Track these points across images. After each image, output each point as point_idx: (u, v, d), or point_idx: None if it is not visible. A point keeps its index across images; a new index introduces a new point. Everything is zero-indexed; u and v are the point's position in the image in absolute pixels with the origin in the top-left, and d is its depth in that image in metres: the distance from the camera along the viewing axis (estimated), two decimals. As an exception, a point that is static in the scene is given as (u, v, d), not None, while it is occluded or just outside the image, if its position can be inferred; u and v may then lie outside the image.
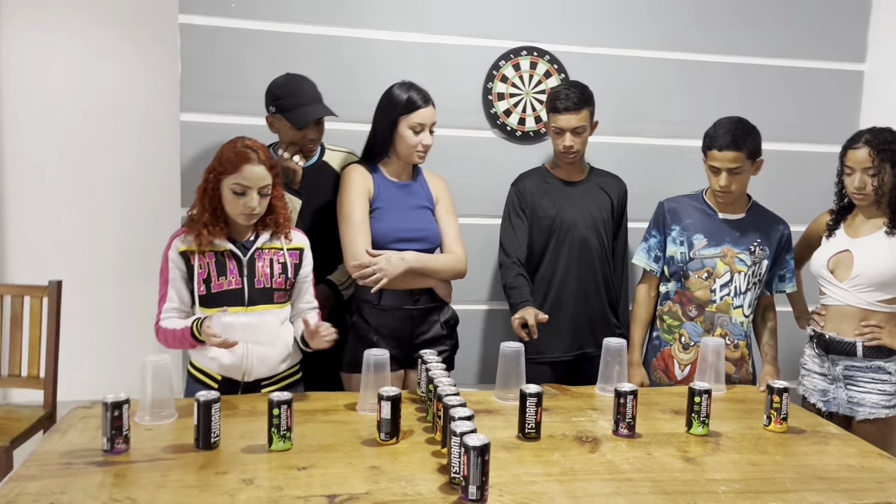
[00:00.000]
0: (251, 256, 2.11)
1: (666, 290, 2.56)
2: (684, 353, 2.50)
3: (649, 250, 2.58)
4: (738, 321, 2.47)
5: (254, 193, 2.04)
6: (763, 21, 3.09)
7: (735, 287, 2.46)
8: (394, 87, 2.38)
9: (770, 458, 1.81)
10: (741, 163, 2.37)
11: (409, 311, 2.39)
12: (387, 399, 1.78)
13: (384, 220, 2.37)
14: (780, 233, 2.51)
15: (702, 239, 2.48)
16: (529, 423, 1.85)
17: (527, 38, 2.91)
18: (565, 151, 2.58)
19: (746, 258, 2.46)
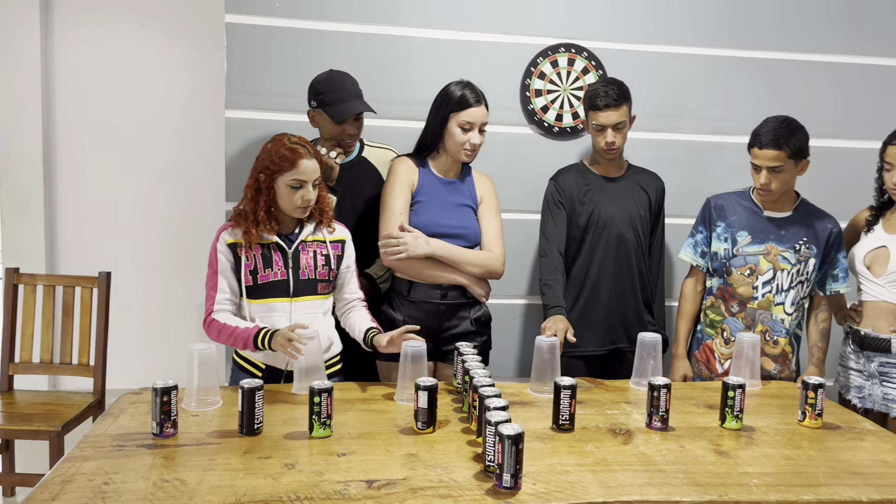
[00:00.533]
0: (296, 249, 2.18)
1: (710, 286, 2.58)
2: (725, 347, 2.51)
3: (696, 246, 2.60)
4: (779, 318, 2.46)
5: (309, 186, 2.12)
6: (801, 16, 3.06)
7: (777, 284, 2.45)
8: (451, 84, 2.42)
9: (804, 452, 1.81)
10: (782, 162, 2.35)
11: (436, 305, 2.43)
12: (424, 389, 1.83)
13: (423, 213, 2.42)
14: (829, 231, 2.48)
15: (746, 236, 2.48)
16: (563, 414, 1.89)
17: (564, 35, 2.93)
18: (607, 148, 2.60)
19: (791, 256, 2.44)
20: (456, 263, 2.41)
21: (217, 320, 2.12)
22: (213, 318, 2.13)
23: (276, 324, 2.13)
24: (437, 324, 2.44)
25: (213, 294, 2.14)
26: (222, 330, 2.11)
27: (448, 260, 2.40)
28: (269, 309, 2.15)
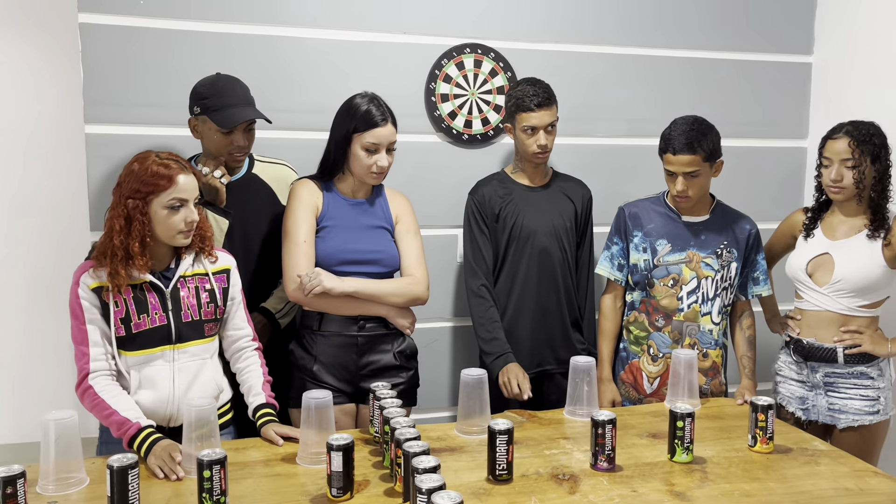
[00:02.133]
0: (174, 287, 1.84)
1: (631, 300, 2.40)
2: (653, 364, 2.35)
3: (612, 258, 2.42)
4: (706, 329, 2.32)
5: (191, 205, 1.81)
6: (711, 14, 2.97)
7: (703, 293, 2.31)
8: (355, 97, 2.15)
9: (763, 485, 1.65)
10: (698, 166, 2.22)
11: (353, 339, 2.15)
12: (338, 449, 1.54)
13: (331, 239, 2.14)
14: (748, 232, 2.37)
15: (665, 244, 2.33)
16: (500, 463, 1.65)
17: (469, 35, 2.71)
18: (540, 151, 2.41)
19: (713, 262, 2.31)
20: (377, 298, 2.14)
21: (94, 389, 1.76)
22: (89, 384, 1.76)
23: (157, 376, 1.81)
24: (355, 360, 2.16)
25: (84, 350, 1.78)
26: (98, 405, 1.75)
27: (367, 296, 2.12)
28: (148, 361, 1.82)
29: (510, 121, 2.45)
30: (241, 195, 2.22)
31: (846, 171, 2.23)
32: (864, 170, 2.22)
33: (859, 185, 2.23)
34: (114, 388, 1.78)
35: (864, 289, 2.25)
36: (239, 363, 1.99)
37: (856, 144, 2.21)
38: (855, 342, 2.26)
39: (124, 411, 1.74)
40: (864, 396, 2.28)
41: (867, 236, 2.26)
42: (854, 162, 2.21)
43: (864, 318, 2.28)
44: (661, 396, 2.32)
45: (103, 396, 1.75)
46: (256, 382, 1.95)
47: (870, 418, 2.28)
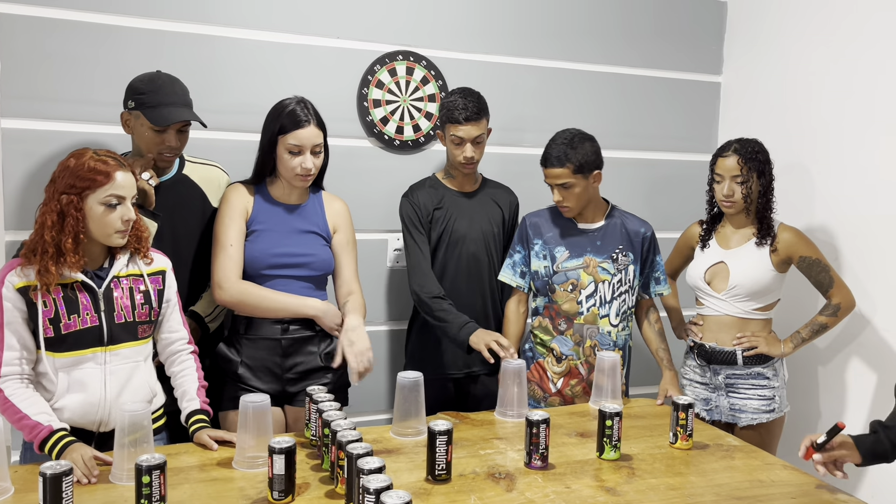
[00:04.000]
0: (108, 287, 1.78)
1: (535, 306, 2.48)
2: (557, 366, 2.42)
3: (514, 266, 2.47)
4: (605, 331, 2.40)
5: (129, 203, 1.76)
6: (632, 34, 3.12)
7: (601, 297, 2.40)
8: (283, 101, 2.14)
9: (685, 479, 1.76)
10: (568, 178, 2.30)
11: (277, 341, 2.14)
12: (280, 452, 1.54)
13: (259, 242, 2.13)
14: (642, 236, 2.46)
15: (563, 251, 2.40)
16: (440, 463, 1.68)
17: (402, 43, 2.75)
18: (465, 162, 2.47)
19: (609, 266, 2.40)
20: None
21: (3, 394, 1.68)
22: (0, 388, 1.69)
23: (87, 379, 1.75)
24: (280, 362, 2.15)
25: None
26: (8, 409, 1.69)
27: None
28: (78, 363, 1.75)
29: (441, 129, 2.50)
30: (171, 196, 2.17)
31: (736, 186, 2.41)
32: (751, 185, 2.40)
33: (747, 199, 2.41)
34: (25, 392, 1.71)
35: (757, 293, 2.43)
36: (174, 367, 1.94)
37: (744, 161, 2.39)
38: (752, 344, 2.43)
39: (35, 415, 1.68)
40: (762, 396, 2.45)
41: (756, 244, 2.44)
42: (743, 178, 2.39)
43: (759, 321, 2.46)
44: (563, 395, 2.41)
45: (13, 400, 1.69)
46: (191, 387, 1.91)
47: (767, 416, 2.45)
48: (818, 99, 2.82)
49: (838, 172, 2.75)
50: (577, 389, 2.40)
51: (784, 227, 2.47)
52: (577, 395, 2.40)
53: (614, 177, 3.09)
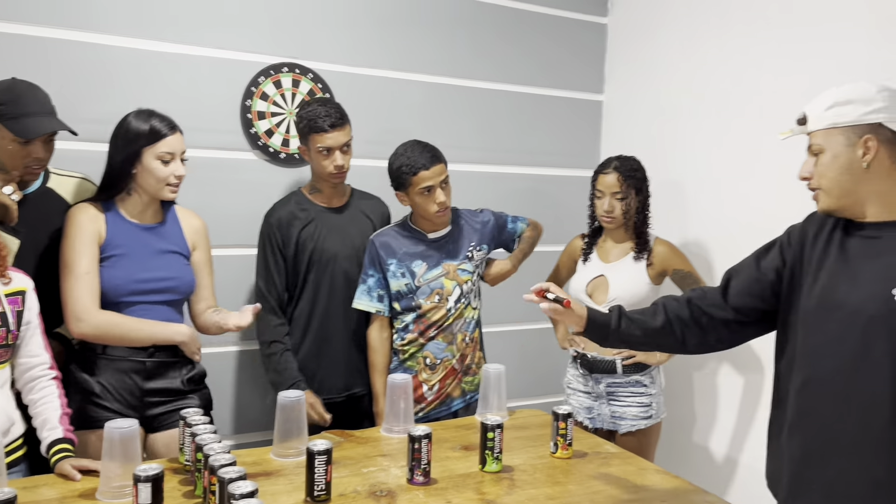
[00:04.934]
0: None
1: (405, 324, 2.42)
2: (431, 372, 2.42)
3: (370, 291, 2.42)
4: (469, 317, 2.45)
5: None
6: (517, 52, 3.20)
7: (466, 295, 2.45)
8: (129, 116, 2.04)
9: (564, 488, 1.79)
10: (446, 172, 2.37)
11: (141, 364, 2.04)
12: (146, 480, 1.47)
13: (120, 268, 2.02)
14: (485, 221, 2.54)
15: (421, 265, 2.41)
16: (319, 484, 1.65)
17: (288, 55, 2.70)
18: (337, 172, 2.42)
19: (468, 266, 2.45)
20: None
21: None
22: None
23: None
24: (141, 385, 2.05)
25: None
26: None
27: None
28: None
29: (304, 142, 2.43)
30: (35, 211, 2.03)
31: (616, 202, 2.51)
32: (630, 201, 2.52)
33: (626, 215, 2.52)
34: None
35: (635, 305, 2.51)
36: (33, 394, 1.81)
37: (623, 178, 2.50)
38: (630, 353, 2.52)
39: None
40: (640, 403, 2.55)
41: (633, 258, 2.55)
42: (622, 194, 2.50)
43: None
44: (440, 395, 2.42)
45: None
46: (53, 415, 1.79)
47: (645, 422, 2.55)
48: (693, 118, 2.97)
49: (711, 188, 2.90)
50: (454, 387, 2.43)
51: (659, 241, 2.59)
52: (453, 392, 2.43)
53: (502, 190, 3.16)
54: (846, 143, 1.49)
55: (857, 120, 1.49)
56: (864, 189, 1.50)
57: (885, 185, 1.49)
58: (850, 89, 1.50)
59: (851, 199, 1.52)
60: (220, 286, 2.55)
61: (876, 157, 1.48)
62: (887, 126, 1.47)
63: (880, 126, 1.47)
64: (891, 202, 1.50)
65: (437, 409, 2.43)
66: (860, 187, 1.50)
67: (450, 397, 2.44)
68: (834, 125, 1.50)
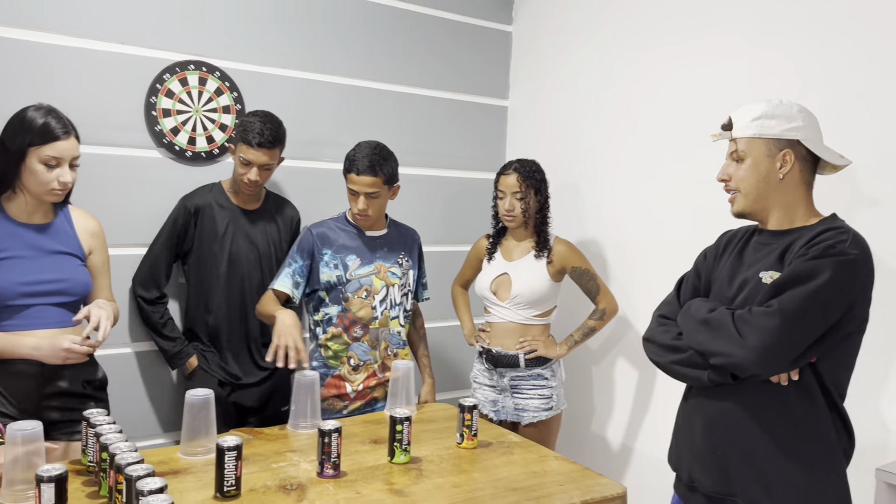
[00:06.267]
0: None
1: (328, 316, 2.46)
2: (355, 374, 2.46)
3: (292, 275, 2.44)
4: (395, 331, 2.51)
5: None
6: (428, 56, 3.27)
7: (391, 300, 2.50)
8: (28, 109, 1.96)
9: (469, 476, 1.87)
10: (378, 188, 2.39)
11: (36, 365, 1.96)
12: (49, 480, 1.44)
13: (8, 271, 1.94)
14: (416, 242, 2.63)
15: (355, 259, 2.47)
16: (229, 479, 1.66)
17: (194, 52, 2.67)
18: (249, 184, 2.49)
19: (397, 270, 2.52)
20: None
21: None
22: None
23: None
24: (38, 387, 1.99)
25: None
26: None
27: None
28: None
29: (234, 144, 2.49)
30: None
31: (516, 202, 2.64)
32: (529, 200, 2.64)
33: (526, 214, 2.65)
34: None
35: (536, 301, 2.66)
36: None
37: (522, 179, 2.63)
38: (531, 347, 2.65)
39: None
40: (542, 395, 2.68)
41: (534, 257, 2.68)
42: (522, 194, 2.63)
43: (538, 327, 2.70)
44: (363, 396, 2.46)
45: None
46: None
47: (546, 414, 2.67)
48: (593, 122, 3.12)
49: (607, 190, 3.07)
50: (378, 389, 2.48)
51: (559, 240, 2.72)
52: (376, 394, 2.47)
53: (412, 192, 3.23)
54: (767, 153, 1.66)
55: (779, 134, 1.65)
56: (774, 197, 1.68)
57: (791, 197, 1.68)
58: (775, 105, 1.67)
59: (762, 204, 1.69)
60: (123, 286, 2.52)
61: (791, 171, 1.66)
62: (804, 144, 1.65)
63: (798, 143, 1.65)
64: (791, 213, 1.69)
65: (361, 409, 2.47)
66: (772, 195, 1.68)
67: (374, 399, 2.48)
68: (758, 136, 1.67)
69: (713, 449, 1.69)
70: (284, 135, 2.52)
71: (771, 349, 1.53)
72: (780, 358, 1.55)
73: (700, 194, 2.62)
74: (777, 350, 1.53)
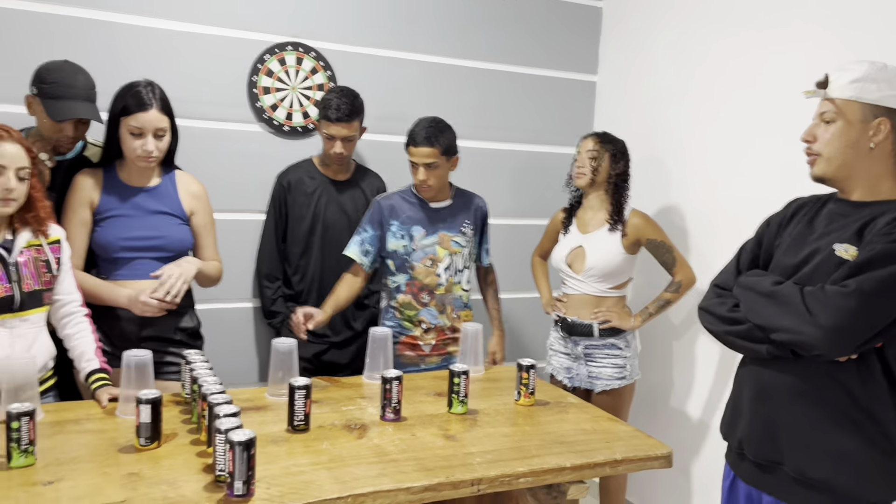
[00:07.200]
0: (15, 258, 1.90)
1: (397, 284, 2.62)
2: (427, 335, 2.63)
3: (361, 244, 2.62)
4: (458, 295, 2.67)
5: (10, 173, 1.84)
6: (515, 32, 3.36)
7: (455, 267, 2.65)
8: (132, 82, 2.21)
9: (520, 429, 2.00)
10: (436, 158, 2.52)
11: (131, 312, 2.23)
12: (146, 402, 1.70)
13: (110, 228, 2.22)
14: (480, 209, 2.73)
15: (420, 230, 2.61)
16: (298, 415, 1.87)
17: (292, 34, 2.91)
18: (335, 157, 2.68)
19: (460, 239, 2.65)
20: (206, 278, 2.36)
21: None
22: None
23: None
24: (136, 331, 2.26)
25: None
26: None
27: (204, 275, 2.32)
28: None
29: (318, 121, 2.69)
30: (68, 176, 2.26)
31: (588, 160, 2.69)
32: (602, 161, 2.68)
33: (596, 173, 2.69)
34: None
35: (610, 273, 2.71)
36: (68, 329, 2.06)
37: (599, 141, 2.69)
38: (605, 318, 2.70)
39: None
40: (615, 364, 2.74)
41: (608, 230, 2.72)
42: (595, 153, 2.68)
43: (613, 298, 2.74)
44: (439, 351, 2.64)
45: None
46: (88, 348, 2.04)
47: (618, 383, 2.73)
48: (683, 99, 3.10)
49: (692, 165, 3.05)
50: (452, 344, 2.65)
51: (635, 212, 2.75)
52: (451, 348, 2.65)
53: (496, 167, 3.35)
54: (861, 118, 1.55)
55: (878, 100, 1.53)
56: (860, 167, 1.58)
57: (879, 169, 1.58)
58: (878, 70, 1.55)
59: (846, 172, 1.60)
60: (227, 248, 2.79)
61: (883, 141, 1.56)
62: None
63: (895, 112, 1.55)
64: (877, 185, 1.59)
65: (438, 364, 2.65)
66: (858, 164, 1.58)
67: (449, 354, 2.66)
68: (855, 98, 1.55)
69: (764, 417, 1.69)
70: (362, 107, 2.68)
71: (842, 331, 1.49)
72: (850, 340, 1.50)
73: (790, 170, 2.57)
74: (849, 332, 1.49)
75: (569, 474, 1.78)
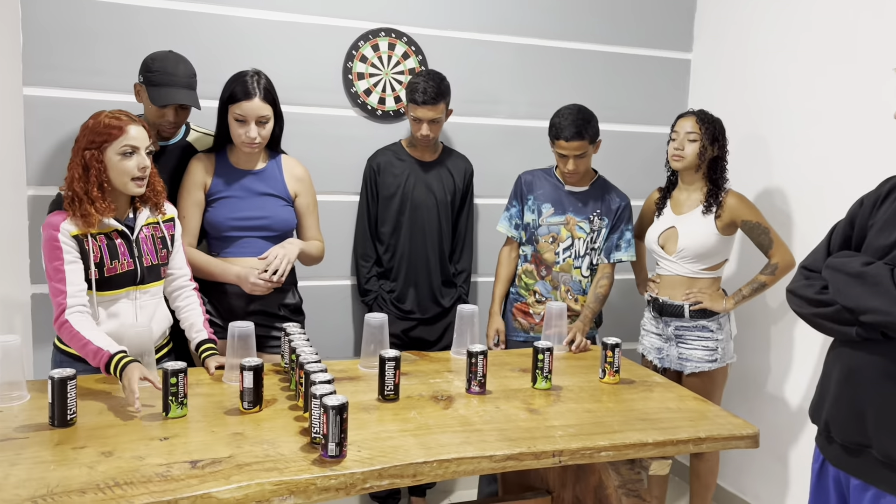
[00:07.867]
0: (137, 235, 2.08)
1: (524, 254, 2.81)
2: (538, 305, 2.78)
3: (510, 219, 2.84)
4: (576, 279, 2.75)
5: (143, 153, 2.02)
6: (605, 12, 3.33)
7: (575, 251, 2.72)
8: (242, 71, 2.35)
9: (603, 405, 2.02)
10: (585, 149, 2.61)
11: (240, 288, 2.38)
12: (249, 369, 1.83)
13: (220, 208, 2.38)
14: (618, 205, 2.75)
15: (549, 208, 2.73)
16: (388, 385, 1.97)
17: (384, 20, 2.99)
18: (422, 139, 2.77)
19: (586, 226, 2.71)
20: (309, 258, 2.51)
21: (71, 323, 1.94)
22: (66, 318, 1.94)
23: (122, 312, 2.05)
24: (243, 306, 2.42)
25: (61, 288, 1.95)
26: (74, 337, 1.93)
27: (306, 255, 2.47)
28: (115, 300, 2.05)
29: (406, 104, 2.78)
30: (171, 160, 2.44)
31: (688, 143, 2.64)
32: (703, 144, 2.62)
33: (702, 157, 2.63)
34: (88, 322, 1.95)
35: (703, 255, 2.67)
36: (179, 301, 2.23)
37: (699, 122, 2.63)
38: (697, 300, 2.67)
39: (97, 341, 1.91)
40: (706, 347, 2.70)
41: (702, 211, 2.67)
42: (696, 136, 2.62)
43: (706, 280, 2.70)
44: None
45: (79, 329, 1.93)
46: (198, 320, 2.21)
47: (709, 365, 2.70)
48: (779, 77, 3.01)
49: (791, 144, 2.95)
50: None
51: (731, 193, 2.69)
52: None
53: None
54: None
55: None
56: None
57: None
58: None
59: None
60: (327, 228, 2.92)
61: None
62: None
63: None
64: None
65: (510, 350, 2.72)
66: None
67: None
68: None
69: (850, 399, 1.66)
70: (448, 89, 2.74)
71: None
72: None
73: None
74: None
75: (650, 450, 1.79)
